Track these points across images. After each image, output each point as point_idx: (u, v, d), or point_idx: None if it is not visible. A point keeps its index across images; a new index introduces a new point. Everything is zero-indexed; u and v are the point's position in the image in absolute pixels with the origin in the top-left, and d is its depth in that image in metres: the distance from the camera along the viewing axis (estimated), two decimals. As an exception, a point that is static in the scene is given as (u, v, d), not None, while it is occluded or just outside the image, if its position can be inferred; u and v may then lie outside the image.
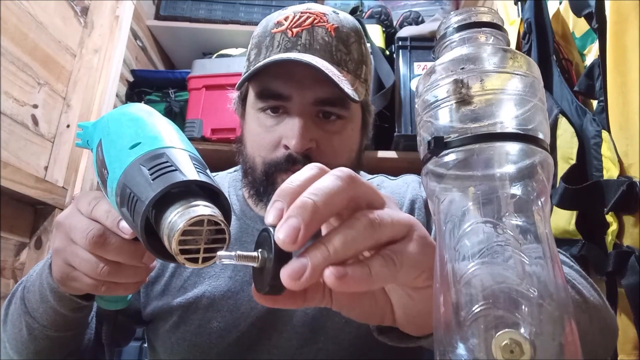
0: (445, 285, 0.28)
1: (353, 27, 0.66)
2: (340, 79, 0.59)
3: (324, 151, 0.62)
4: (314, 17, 0.63)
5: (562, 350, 0.25)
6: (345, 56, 0.63)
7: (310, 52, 0.61)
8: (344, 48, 0.63)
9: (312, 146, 0.61)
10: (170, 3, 1.60)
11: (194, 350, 0.63)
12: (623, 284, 0.70)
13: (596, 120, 0.80)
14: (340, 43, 0.63)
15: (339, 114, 0.63)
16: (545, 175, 0.29)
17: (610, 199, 0.72)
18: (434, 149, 0.29)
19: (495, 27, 0.33)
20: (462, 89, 0.29)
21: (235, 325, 0.63)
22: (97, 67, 1.27)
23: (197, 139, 1.31)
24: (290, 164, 0.61)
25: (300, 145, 0.60)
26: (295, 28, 0.63)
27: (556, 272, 0.27)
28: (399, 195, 0.73)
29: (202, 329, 0.63)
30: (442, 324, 0.28)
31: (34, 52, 1.08)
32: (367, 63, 0.67)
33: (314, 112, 0.62)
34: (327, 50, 0.62)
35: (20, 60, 1.04)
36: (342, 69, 0.62)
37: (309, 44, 0.61)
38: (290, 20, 0.63)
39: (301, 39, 0.62)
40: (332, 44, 0.62)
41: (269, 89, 0.62)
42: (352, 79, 0.63)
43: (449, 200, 0.30)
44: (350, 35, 0.64)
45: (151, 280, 0.68)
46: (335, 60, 0.62)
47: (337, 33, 0.63)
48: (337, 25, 0.63)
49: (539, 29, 0.96)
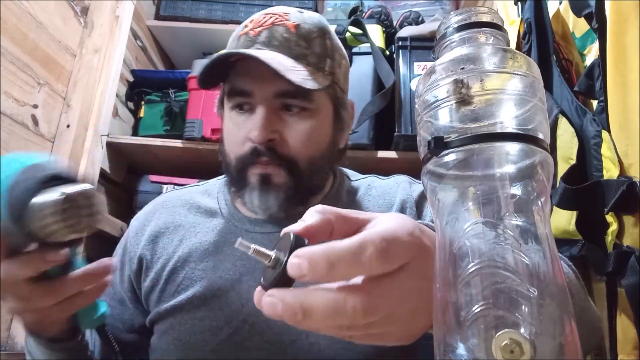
0: (445, 286, 0.28)
1: (317, 24, 0.68)
2: (290, 70, 0.61)
3: (287, 143, 0.65)
4: (275, 17, 0.67)
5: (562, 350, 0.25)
6: (305, 50, 0.66)
7: (268, 48, 0.65)
8: (304, 43, 0.66)
9: (275, 137, 0.64)
10: (170, 3, 1.60)
11: (189, 349, 0.64)
12: (623, 284, 0.70)
13: (596, 120, 0.80)
14: (301, 39, 0.66)
15: (301, 106, 0.65)
16: (545, 175, 0.29)
17: (610, 199, 0.72)
18: (434, 149, 0.29)
19: (495, 27, 0.33)
20: (462, 89, 0.29)
21: (227, 322, 0.64)
22: (97, 67, 1.27)
23: (198, 139, 1.31)
24: (256, 156, 0.65)
25: (261, 136, 0.63)
26: (257, 28, 0.67)
27: (556, 272, 0.27)
28: (389, 195, 0.74)
29: (195, 328, 0.64)
30: (442, 324, 0.28)
31: (34, 52, 1.08)
32: (333, 57, 0.69)
33: (276, 105, 0.65)
34: (285, 46, 0.65)
35: (20, 60, 1.04)
36: (300, 62, 0.65)
37: (267, 41, 0.65)
38: (254, 22, 0.68)
39: (260, 37, 0.66)
40: (291, 40, 0.65)
41: (235, 86, 0.66)
42: (313, 70, 0.65)
43: (449, 200, 0.30)
44: (312, 32, 0.67)
45: (147, 290, 0.71)
46: (293, 55, 0.65)
47: (297, 30, 0.66)
48: (299, 23, 0.67)
49: (539, 29, 0.96)
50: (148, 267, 0.72)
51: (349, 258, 0.27)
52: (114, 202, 1.43)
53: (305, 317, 0.27)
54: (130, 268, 0.73)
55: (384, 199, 0.74)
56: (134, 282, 0.73)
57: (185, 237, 0.72)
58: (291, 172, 0.66)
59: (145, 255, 0.72)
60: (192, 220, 0.74)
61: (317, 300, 0.27)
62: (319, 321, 0.27)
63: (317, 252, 0.27)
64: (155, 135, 1.40)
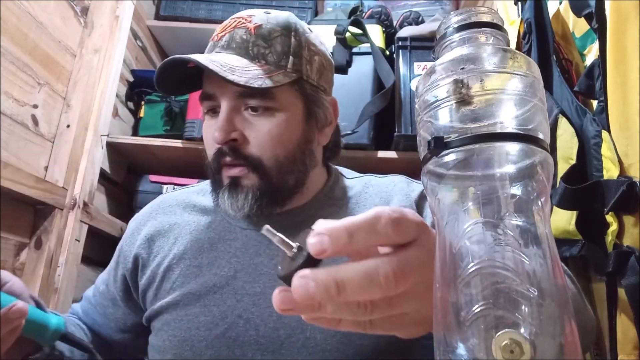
0: (445, 285, 0.28)
1: (280, 23, 0.69)
2: (240, 72, 0.62)
3: (250, 142, 0.66)
4: (238, 21, 0.69)
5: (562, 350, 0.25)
6: (264, 50, 0.67)
7: (227, 50, 0.67)
8: (263, 43, 0.67)
9: (236, 137, 0.65)
10: (170, 3, 1.60)
11: (184, 345, 0.65)
12: (623, 284, 0.70)
13: (596, 120, 0.80)
14: (260, 39, 0.67)
15: (264, 106, 0.66)
16: (545, 175, 0.29)
17: (610, 199, 0.72)
18: (434, 149, 0.29)
19: (495, 27, 0.33)
20: (462, 89, 0.29)
21: (222, 317, 0.64)
22: (97, 67, 1.27)
23: (197, 139, 1.32)
24: (221, 156, 0.66)
25: (221, 137, 0.64)
26: (221, 33, 0.69)
27: (556, 272, 0.27)
28: (386, 194, 0.74)
29: (190, 324, 0.65)
30: (442, 324, 0.28)
31: (34, 52, 1.08)
32: (298, 54, 0.69)
33: (239, 106, 0.66)
34: (242, 47, 0.66)
35: (20, 60, 1.04)
36: (256, 62, 0.65)
37: (227, 44, 0.67)
38: (221, 27, 0.70)
39: (221, 41, 0.68)
40: (249, 41, 0.67)
41: (203, 91, 0.69)
42: (271, 69, 0.65)
43: (449, 200, 0.30)
44: (273, 31, 0.68)
45: (144, 288, 0.72)
46: (250, 56, 0.66)
47: (257, 30, 0.67)
48: (260, 24, 0.68)
49: (539, 29, 0.96)
50: (144, 266, 0.73)
51: (366, 226, 0.28)
52: (114, 202, 1.43)
53: (340, 290, 0.27)
54: (124, 267, 0.75)
55: (381, 197, 0.74)
56: (129, 281, 0.74)
57: (181, 235, 0.73)
58: (257, 172, 0.66)
59: (141, 254, 0.73)
60: (187, 219, 0.75)
61: (350, 272, 0.28)
62: (353, 293, 0.27)
63: (336, 225, 0.28)
64: (155, 135, 1.41)
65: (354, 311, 0.29)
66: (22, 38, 1.04)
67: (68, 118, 1.20)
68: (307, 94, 0.70)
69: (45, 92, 1.13)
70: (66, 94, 1.22)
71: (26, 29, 1.05)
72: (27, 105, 1.06)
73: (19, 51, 1.03)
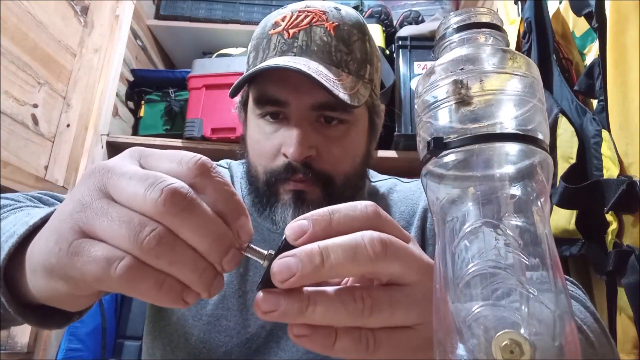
0: (445, 286, 0.28)
1: (356, 24, 0.61)
2: (336, 84, 0.56)
3: (325, 158, 0.59)
4: (312, 16, 0.60)
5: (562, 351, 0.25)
6: (346, 56, 0.59)
7: (306, 54, 0.58)
8: (345, 48, 0.59)
9: (312, 154, 0.58)
10: (170, 3, 1.60)
11: (201, 346, 0.61)
12: (623, 283, 0.70)
13: (596, 119, 0.80)
14: (341, 42, 0.59)
15: (340, 118, 0.60)
16: (544, 176, 0.29)
17: (610, 198, 0.72)
18: (433, 150, 0.29)
19: (494, 28, 0.33)
20: (461, 89, 0.29)
21: (245, 326, 0.61)
22: (97, 67, 1.27)
23: (197, 139, 1.32)
24: (290, 173, 0.59)
25: (298, 153, 0.57)
26: (292, 29, 0.60)
27: (556, 273, 0.27)
28: (411, 201, 0.70)
29: (210, 326, 0.62)
30: (442, 324, 0.28)
31: (34, 51, 1.08)
32: (372, 62, 0.63)
33: (314, 117, 0.59)
34: (325, 52, 0.58)
35: (20, 60, 1.04)
36: (342, 71, 0.59)
37: (305, 46, 0.58)
38: (287, 20, 0.60)
39: (297, 40, 0.59)
40: (331, 44, 0.59)
41: (267, 94, 0.60)
42: (354, 80, 0.59)
43: (448, 200, 0.30)
44: (352, 33, 0.60)
45: None
46: (334, 62, 0.59)
47: (337, 32, 0.59)
48: (338, 23, 0.60)
49: (539, 29, 0.96)
50: None
51: (347, 206, 0.30)
52: (114, 201, 1.43)
53: (324, 259, 0.26)
54: None
55: (406, 205, 0.69)
56: None
57: None
58: (326, 189, 0.60)
59: None
60: None
61: (334, 241, 0.27)
62: (339, 262, 0.26)
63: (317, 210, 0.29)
64: (155, 134, 1.41)
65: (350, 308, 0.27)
66: (22, 38, 1.04)
67: (68, 117, 1.20)
68: (373, 104, 0.65)
69: (45, 92, 1.13)
70: (66, 93, 1.22)
71: (26, 28, 1.05)
72: (27, 104, 1.07)
73: (19, 51, 1.03)
